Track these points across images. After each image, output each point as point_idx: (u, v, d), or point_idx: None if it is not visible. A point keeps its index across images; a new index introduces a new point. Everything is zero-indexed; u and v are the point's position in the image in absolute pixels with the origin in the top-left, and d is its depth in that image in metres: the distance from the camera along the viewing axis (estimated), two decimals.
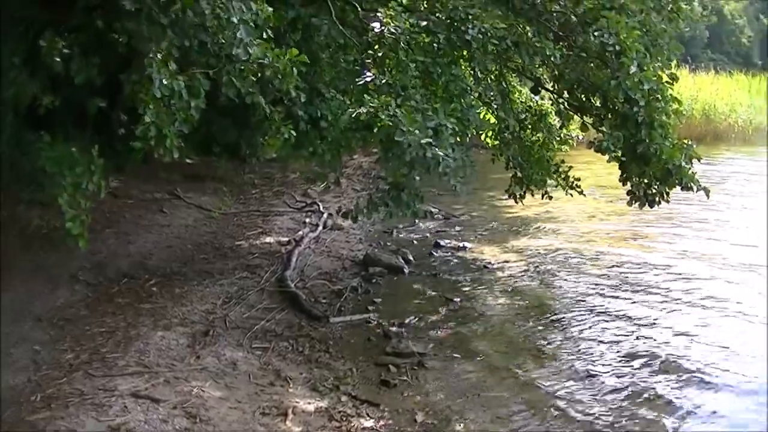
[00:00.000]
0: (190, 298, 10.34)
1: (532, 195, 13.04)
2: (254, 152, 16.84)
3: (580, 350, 9.69)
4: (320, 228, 14.94)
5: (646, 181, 10.27)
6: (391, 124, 8.05)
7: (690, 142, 10.41)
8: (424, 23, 9.62)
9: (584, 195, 12.97)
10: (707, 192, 10.21)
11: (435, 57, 9.62)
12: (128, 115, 7.57)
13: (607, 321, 10.72)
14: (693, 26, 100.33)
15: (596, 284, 12.38)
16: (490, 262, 13.49)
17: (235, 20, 6.79)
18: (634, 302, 11.57)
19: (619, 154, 10.09)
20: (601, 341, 9.96)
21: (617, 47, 9.49)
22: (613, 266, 13.44)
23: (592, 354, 9.56)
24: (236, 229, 14.48)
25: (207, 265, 11.99)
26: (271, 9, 7.42)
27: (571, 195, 12.91)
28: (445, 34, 9.64)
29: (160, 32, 6.74)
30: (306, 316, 10.29)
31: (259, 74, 7.37)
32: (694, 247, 14.85)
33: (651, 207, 10.62)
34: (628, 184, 10.48)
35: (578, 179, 12.62)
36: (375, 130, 8.36)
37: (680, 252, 14.55)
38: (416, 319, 10.52)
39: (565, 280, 12.68)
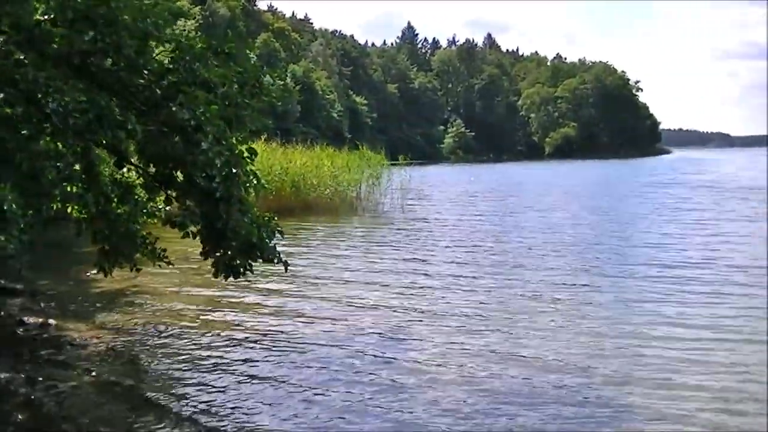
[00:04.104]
0: None
1: (120, 268, 12.92)
2: None
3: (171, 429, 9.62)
4: None
5: (229, 254, 10.51)
6: None
7: (272, 215, 10.80)
8: (1, 95, 9.31)
9: (172, 265, 13.09)
10: (286, 265, 10.62)
11: (14, 131, 9.31)
12: None
13: (198, 397, 10.68)
14: (286, 100, 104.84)
15: (188, 360, 12.38)
16: (75, 339, 13.14)
17: None
18: (222, 375, 11.69)
19: (197, 230, 10.29)
20: (195, 419, 9.91)
21: (194, 122, 9.70)
22: (203, 339, 13.54)
23: None
24: None
25: None
26: None
27: (160, 266, 12.96)
28: (24, 106, 9.37)
29: None
30: None
31: None
32: (282, 319, 15.33)
33: (235, 278, 10.86)
34: (212, 257, 10.67)
35: (164, 250, 12.69)
36: None
37: (272, 322, 14.96)
38: None
39: (153, 355, 12.61)
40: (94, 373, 11.46)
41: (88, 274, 17.32)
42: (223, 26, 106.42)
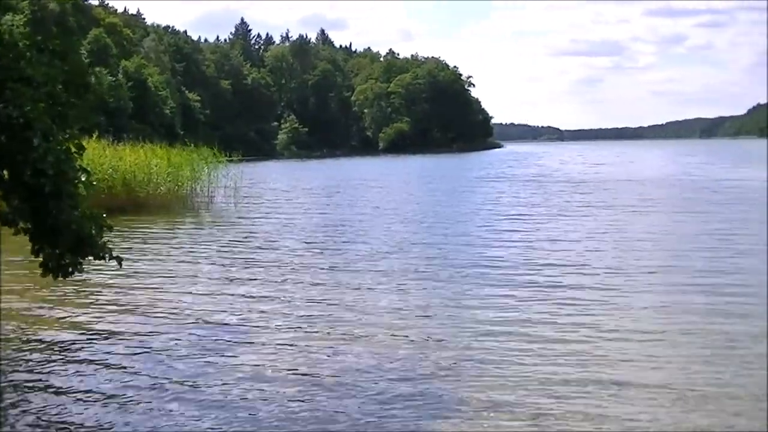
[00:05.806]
0: None
1: None
2: None
3: None
4: None
5: (58, 251, 10.39)
6: None
7: (100, 212, 10.69)
8: None
9: None
10: (120, 261, 10.58)
11: None
12: None
13: (26, 404, 10.47)
14: (118, 97, 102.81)
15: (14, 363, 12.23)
16: None
17: None
18: (54, 377, 11.59)
19: (28, 227, 10.16)
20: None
21: (22, 119, 9.58)
22: (31, 341, 13.42)
23: None
24: None
25: None
26: None
27: None
28: None
29: None
30: None
31: None
32: (114, 317, 15.28)
33: (65, 277, 10.72)
34: (41, 255, 10.53)
35: None
36: None
37: (105, 322, 14.84)
38: None
39: None
40: None
41: None
42: (52, 21, 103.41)
